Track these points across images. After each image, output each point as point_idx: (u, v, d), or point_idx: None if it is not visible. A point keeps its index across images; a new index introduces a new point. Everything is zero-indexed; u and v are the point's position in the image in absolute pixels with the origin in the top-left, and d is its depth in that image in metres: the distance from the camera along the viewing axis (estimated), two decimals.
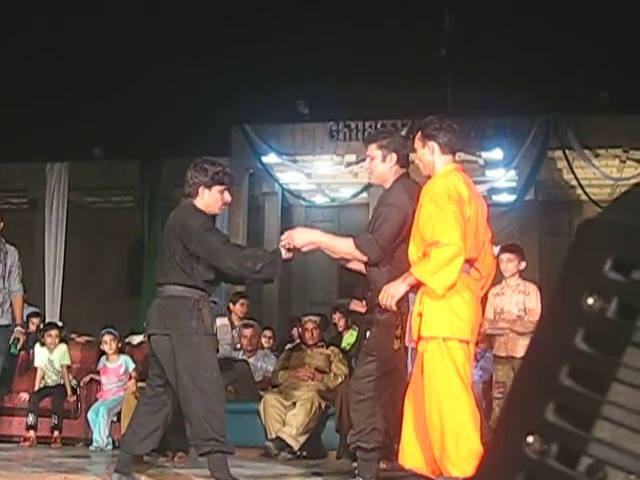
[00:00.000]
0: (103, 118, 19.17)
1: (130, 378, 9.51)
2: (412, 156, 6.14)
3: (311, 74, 19.23)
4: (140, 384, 9.14)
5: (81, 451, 9.30)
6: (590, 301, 1.23)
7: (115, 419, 9.43)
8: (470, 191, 5.35)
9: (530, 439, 1.18)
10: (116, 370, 9.76)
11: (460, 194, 5.23)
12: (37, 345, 10.36)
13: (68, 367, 10.19)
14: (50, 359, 10.21)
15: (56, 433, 9.79)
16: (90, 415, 9.55)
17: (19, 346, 9.24)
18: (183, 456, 8.12)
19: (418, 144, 5.75)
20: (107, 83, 19.61)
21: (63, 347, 10.33)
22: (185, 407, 5.97)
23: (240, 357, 9.72)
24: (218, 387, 6.07)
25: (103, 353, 9.94)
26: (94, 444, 9.39)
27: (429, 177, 5.61)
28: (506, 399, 1.21)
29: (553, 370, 1.14)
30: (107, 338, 9.86)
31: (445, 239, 4.99)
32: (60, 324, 12.07)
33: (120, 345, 9.96)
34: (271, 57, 19.71)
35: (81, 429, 9.88)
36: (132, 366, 9.70)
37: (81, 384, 10.13)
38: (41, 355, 10.25)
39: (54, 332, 10.42)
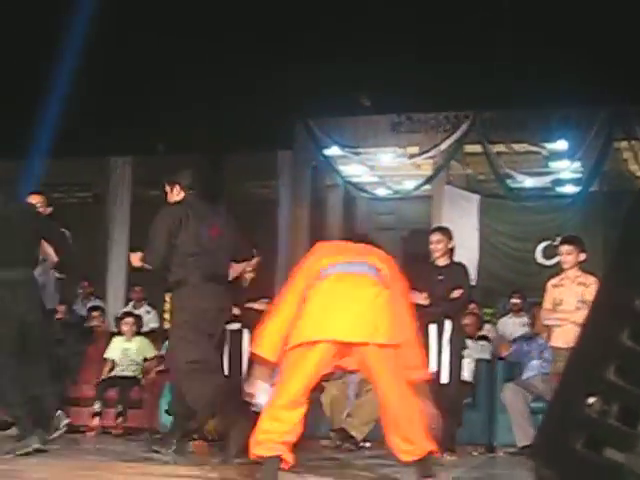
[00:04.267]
0: (167, 112, 19.29)
1: None
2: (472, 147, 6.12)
3: (373, 67, 19.18)
4: None
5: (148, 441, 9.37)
6: None
7: None
8: None
9: (591, 400, 1.18)
10: None
11: None
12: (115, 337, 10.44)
13: (148, 359, 10.26)
14: (125, 348, 10.27)
15: (120, 420, 9.88)
16: (161, 403, 9.58)
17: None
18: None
19: None
20: (171, 77, 19.74)
21: (144, 339, 10.40)
22: None
23: None
24: None
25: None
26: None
27: None
28: (567, 363, 1.20)
29: (614, 332, 1.13)
30: None
31: None
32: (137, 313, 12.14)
33: None
34: (333, 50, 19.69)
35: (145, 419, 9.96)
36: None
37: (145, 374, 10.21)
38: (116, 345, 10.31)
39: (130, 320, 10.50)
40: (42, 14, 18.19)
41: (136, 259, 7.11)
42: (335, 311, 5.20)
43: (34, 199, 8.49)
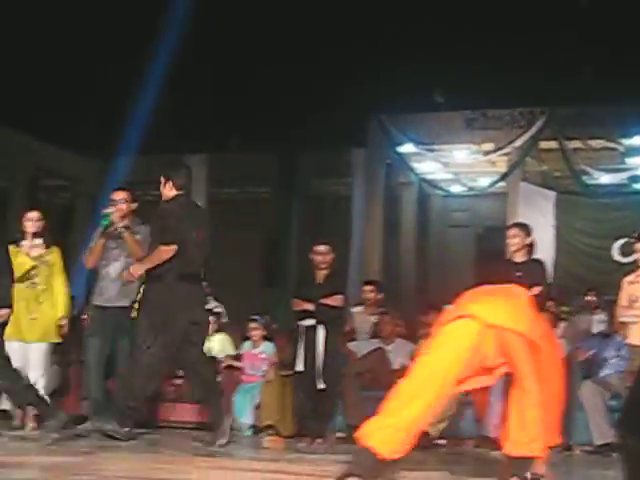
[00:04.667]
0: (240, 110, 19.44)
1: (271, 365, 9.62)
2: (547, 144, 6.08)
3: (447, 63, 19.10)
4: (280, 371, 9.27)
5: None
6: None
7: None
8: None
9: None
10: (257, 356, 9.88)
11: None
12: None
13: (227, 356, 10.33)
14: (207, 347, 10.35)
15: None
16: (236, 398, 9.66)
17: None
18: (322, 442, 8.18)
19: None
20: (244, 75, 19.87)
21: (224, 337, 10.47)
22: None
23: (376, 345, 9.72)
24: None
25: (245, 339, 10.10)
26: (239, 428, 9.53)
27: None
28: None
29: None
30: (251, 325, 10.01)
31: None
32: (218, 311, 12.19)
33: (266, 332, 10.09)
34: (406, 47, 19.65)
35: None
36: (273, 352, 9.80)
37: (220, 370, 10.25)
38: None
39: (211, 318, 10.57)
40: (132, 20, 18.38)
41: (137, 270, 7.44)
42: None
43: (119, 195, 8.63)
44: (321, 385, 8.24)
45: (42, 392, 8.77)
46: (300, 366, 8.32)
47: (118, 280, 8.47)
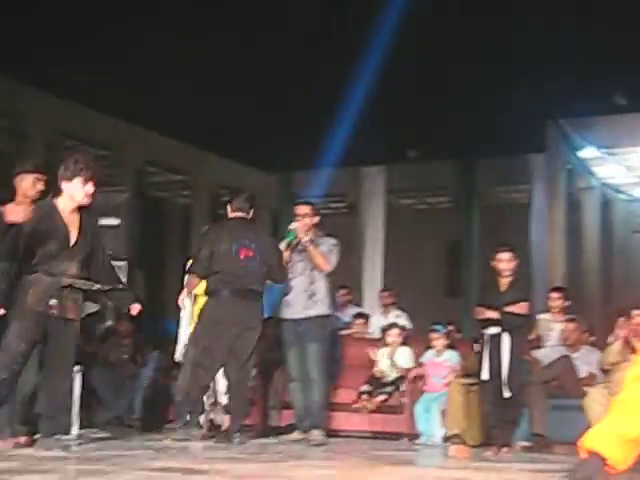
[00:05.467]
0: (417, 120, 19.45)
1: (455, 373, 9.58)
2: None
3: (627, 63, 18.61)
4: (464, 380, 9.22)
5: (407, 445, 9.48)
6: None
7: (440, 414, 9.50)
8: None
9: None
10: (440, 365, 9.86)
11: None
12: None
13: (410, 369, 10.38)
14: (391, 360, 10.41)
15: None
16: (417, 408, 9.70)
17: None
18: (507, 451, 8.10)
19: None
20: (422, 86, 19.87)
21: (407, 349, 10.51)
22: None
23: (563, 353, 9.56)
24: None
25: (428, 348, 10.09)
26: (421, 438, 9.54)
27: None
28: None
29: None
30: (434, 335, 10.01)
31: None
32: (403, 324, 12.30)
33: (449, 341, 10.07)
34: (583, 49, 19.28)
35: (405, 424, 10.03)
36: (456, 361, 9.77)
37: (406, 379, 10.27)
38: (383, 356, 10.49)
39: (395, 332, 10.63)
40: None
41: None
42: None
43: (303, 209, 8.86)
44: (507, 394, 8.17)
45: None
46: (485, 375, 8.27)
47: (305, 292, 8.76)
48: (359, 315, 12.23)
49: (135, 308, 7.46)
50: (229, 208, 8.58)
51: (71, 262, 6.76)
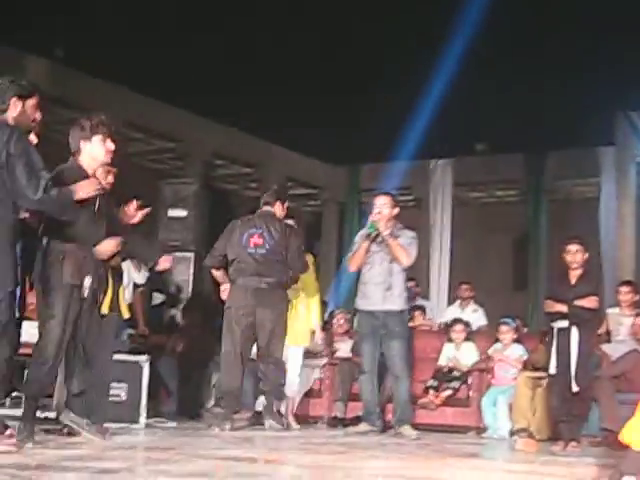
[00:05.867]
0: (484, 113, 19.33)
1: (522, 367, 9.54)
2: None
3: None
4: (532, 374, 9.16)
5: (474, 438, 9.46)
6: None
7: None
8: None
9: None
10: (509, 358, 9.82)
11: None
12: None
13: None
14: (455, 355, 10.39)
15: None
16: (484, 401, 9.67)
17: None
18: (576, 445, 8.02)
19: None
20: (487, 79, 19.71)
21: (471, 345, 10.49)
22: None
23: (632, 347, 9.44)
24: None
25: (496, 341, 10.06)
26: (488, 431, 9.51)
27: None
28: None
29: None
30: (503, 328, 9.98)
31: None
32: (479, 320, 12.29)
33: (516, 335, 10.02)
34: None
35: (472, 417, 10.01)
36: (523, 355, 9.73)
37: (472, 373, 10.23)
38: (447, 352, 10.48)
39: (459, 327, 10.61)
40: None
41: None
42: None
43: (382, 200, 8.84)
44: (575, 388, 8.08)
45: (297, 392, 9.19)
46: (553, 369, 8.19)
47: (382, 284, 8.71)
48: (417, 307, 12.24)
49: (165, 260, 7.22)
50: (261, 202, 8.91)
51: (99, 228, 6.46)
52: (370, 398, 8.88)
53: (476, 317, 12.49)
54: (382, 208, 8.77)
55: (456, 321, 10.95)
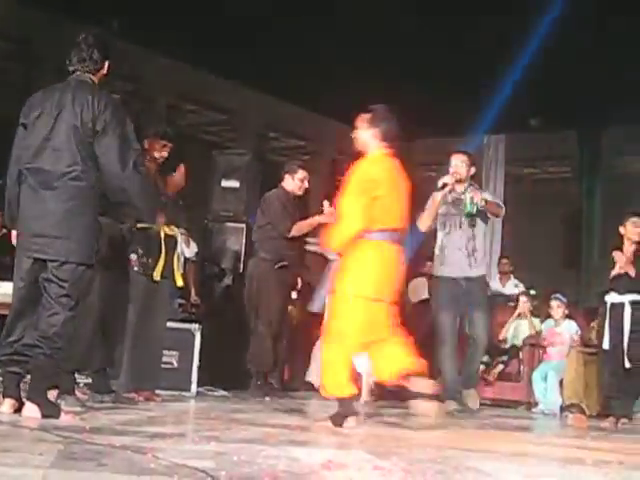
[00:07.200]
0: (539, 88, 19.09)
1: (574, 343, 9.52)
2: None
3: None
4: (583, 349, 9.12)
5: (524, 413, 9.45)
6: None
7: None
8: (389, 174, 6.23)
9: None
10: (561, 335, 9.79)
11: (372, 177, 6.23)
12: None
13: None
14: (515, 328, 10.42)
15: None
16: (535, 376, 9.65)
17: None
18: (627, 422, 7.98)
19: (362, 125, 6.70)
20: (541, 54, 19.50)
21: (532, 319, 10.50)
22: None
23: None
24: None
25: (548, 317, 10.05)
26: (539, 406, 9.50)
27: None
28: None
29: None
30: (554, 303, 9.94)
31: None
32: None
33: (567, 311, 9.99)
34: None
35: (523, 392, 10.02)
36: (575, 331, 9.70)
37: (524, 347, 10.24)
38: (510, 325, 10.49)
39: (524, 299, 10.62)
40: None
41: None
42: None
43: (460, 157, 8.32)
44: (628, 364, 8.00)
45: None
46: (606, 344, 8.11)
47: (465, 249, 8.17)
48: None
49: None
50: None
51: None
52: (452, 376, 8.16)
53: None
54: (459, 168, 8.25)
55: (522, 293, 10.96)
